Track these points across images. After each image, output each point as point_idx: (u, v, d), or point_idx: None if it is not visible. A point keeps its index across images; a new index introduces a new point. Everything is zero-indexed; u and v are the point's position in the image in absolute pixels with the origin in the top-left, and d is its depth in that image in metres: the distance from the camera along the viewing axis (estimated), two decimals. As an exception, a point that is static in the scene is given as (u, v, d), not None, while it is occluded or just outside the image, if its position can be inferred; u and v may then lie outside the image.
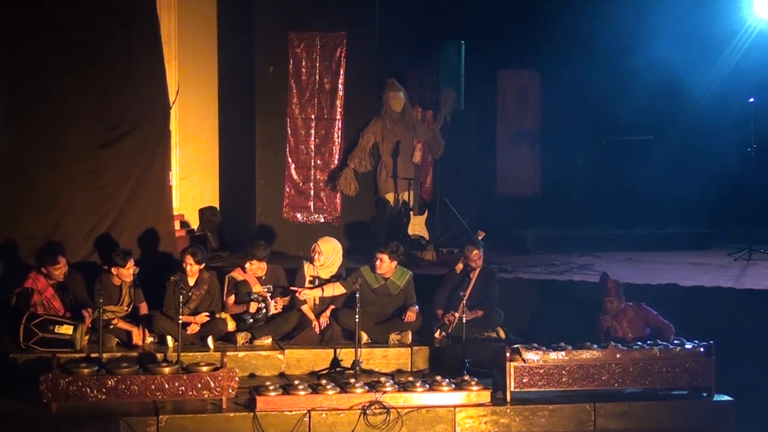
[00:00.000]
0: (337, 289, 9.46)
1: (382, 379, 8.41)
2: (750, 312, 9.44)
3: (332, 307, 9.41)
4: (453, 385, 8.36)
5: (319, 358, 9.14)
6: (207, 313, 9.16)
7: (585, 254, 11.66)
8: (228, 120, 11.85)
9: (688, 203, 12.24)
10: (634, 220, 12.46)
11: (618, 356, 8.52)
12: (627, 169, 12.29)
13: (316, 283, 9.48)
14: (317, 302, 9.51)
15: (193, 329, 9.09)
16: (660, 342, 8.73)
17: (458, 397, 8.28)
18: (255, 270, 9.38)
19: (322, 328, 9.44)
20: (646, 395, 8.56)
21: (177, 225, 10.85)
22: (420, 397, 8.22)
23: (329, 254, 9.46)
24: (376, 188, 11.72)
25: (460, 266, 9.73)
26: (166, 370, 8.01)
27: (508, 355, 8.39)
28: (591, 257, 11.54)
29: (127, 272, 9.05)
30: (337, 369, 9.03)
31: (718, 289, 9.82)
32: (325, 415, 8.02)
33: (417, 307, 9.48)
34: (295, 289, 9.25)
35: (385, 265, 9.46)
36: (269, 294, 9.31)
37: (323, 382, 8.28)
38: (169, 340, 9.01)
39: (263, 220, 11.38)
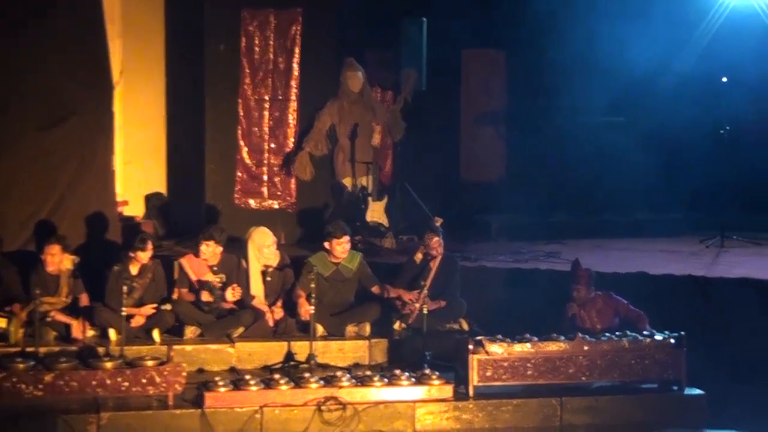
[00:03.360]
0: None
1: (339, 373, 8.39)
2: (722, 301, 9.52)
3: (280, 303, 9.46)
4: (413, 380, 8.36)
5: (272, 352, 9.12)
6: (153, 305, 9.11)
7: (552, 242, 11.73)
8: (176, 101, 11.78)
9: (659, 188, 12.32)
10: (603, 205, 12.53)
11: (586, 348, 8.55)
12: (596, 153, 12.34)
13: (269, 271, 9.47)
14: (267, 292, 9.51)
15: (137, 322, 9.04)
16: (629, 333, 8.73)
17: (418, 392, 8.28)
18: (210, 255, 9.33)
19: (276, 320, 9.40)
20: (614, 389, 8.59)
21: (121, 212, 10.81)
22: (378, 392, 8.22)
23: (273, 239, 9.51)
24: (333, 173, 11.69)
25: (419, 255, 9.73)
26: (108, 364, 7.95)
27: (470, 347, 8.40)
28: (558, 245, 11.59)
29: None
30: (291, 363, 9.01)
31: (689, 278, 9.87)
32: (278, 411, 7.99)
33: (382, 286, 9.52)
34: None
35: (348, 247, 9.48)
36: (222, 284, 9.27)
37: (276, 376, 8.24)
38: (112, 333, 8.93)
39: (213, 206, 11.33)
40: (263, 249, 9.49)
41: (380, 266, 10.02)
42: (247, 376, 8.19)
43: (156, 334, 9.02)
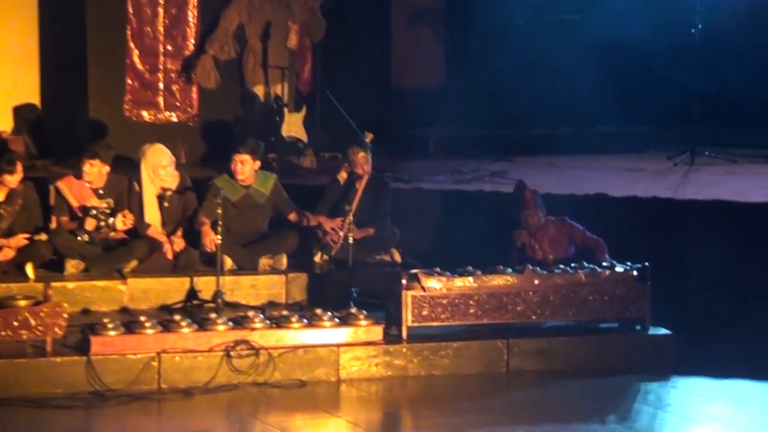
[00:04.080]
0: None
1: (250, 313, 8.39)
2: (691, 227, 9.65)
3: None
4: (337, 320, 8.37)
5: (171, 289, 9.16)
6: (25, 235, 9.03)
7: (498, 159, 11.81)
8: (50, -5, 11.70)
9: (620, 96, 12.36)
10: (557, 117, 12.61)
11: (536, 282, 8.61)
12: (549, 56, 12.41)
13: (167, 195, 9.47)
14: (164, 219, 9.51)
15: (6, 254, 9.00)
16: (586, 264, 8.81)
17: (343, 335, 8.31)
18: (95, 176, 9.29)
19: (175, 251, 9.40)
20: (569, 329, 8.68)
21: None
22: (296, 334, 8.25)
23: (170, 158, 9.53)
24: (242, 80, 11.70)
25: (344, 174, 9.76)
26: (-29, 306, 7.88)
27: (404, 282, 8.42)
28: (505, 163, 11.70)
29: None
30: (195, 302, 9.04)
31: (654, 200, 9.97)
32: (179, 358, 8.00)
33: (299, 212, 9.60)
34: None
35: (248, 168, 9.47)
36: (110, 210, 9.24)
37: (177, 318, 8.23)
38: (-26, 269, 8.91)
39: (98, 119, 11.31)
40: (159, 169, 9.47)
41: (298, 189, 10.07)
42: (142, 318, 8.17)
43: (29, 270, 8.97)
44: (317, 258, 9.53)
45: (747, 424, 7.49)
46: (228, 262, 9.33)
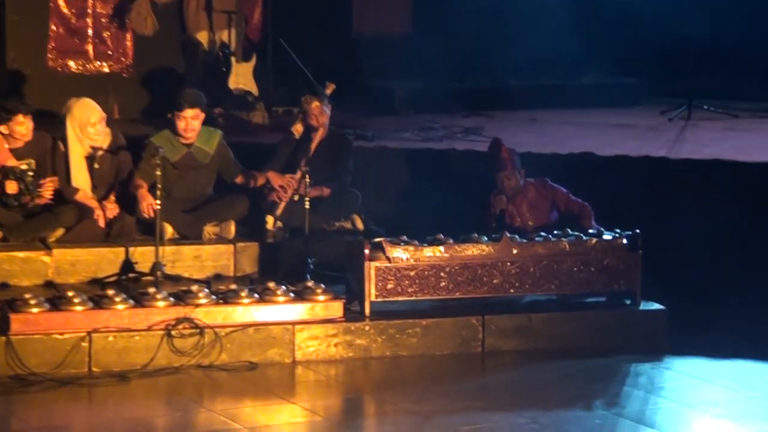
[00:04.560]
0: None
1: (194, 287, 8.36)
2: (688, 189, 9.69)
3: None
4: (292, 295, 8.37)
5: (103, 261, 9.13)
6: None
7: (472, 114, 11.89)
8: None
9: (609, 43, 12.46)
10: (538, 67, 12.65)
11: (515, 252, 8.61)
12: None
13: (98, 156, 9.44)
14: (95, 182, 9.51)
15: None
16: (571, 232, 8.80)
17: (299, 311, 8.31)
18: (21, 134, 9.25)
19: (108, 218, 9.39)
20: (551, 305, 8.74)
21: None
22: (246, 311, 8.24)
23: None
24: (183, 25, 11.70)
25: (299, 127, 9.80)
26: None
27: (367, 252, 8.42)
28: (480, 118, 11.76)
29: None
30: (130, 275, 9.04)
31: (647, 160, 9.99)
32: (113, 338, 7.97)
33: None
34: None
35: (196, 123, 9.48)
36: (32, 172, 9.20)
37: (110, 293, 8.19)
38: None
39: (17, 69, 11.31)
40: (87, 127, 9.43)
41: (247, 148, 10.09)
42: (70, 293, 8.12)
43: (-59, 240, 9.01)
44: (269, 225, 9.55)
45: (748, 409, 7.51)
46: (168, 231, 9.33)
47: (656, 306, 8.75)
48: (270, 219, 9.57)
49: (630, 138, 10.90)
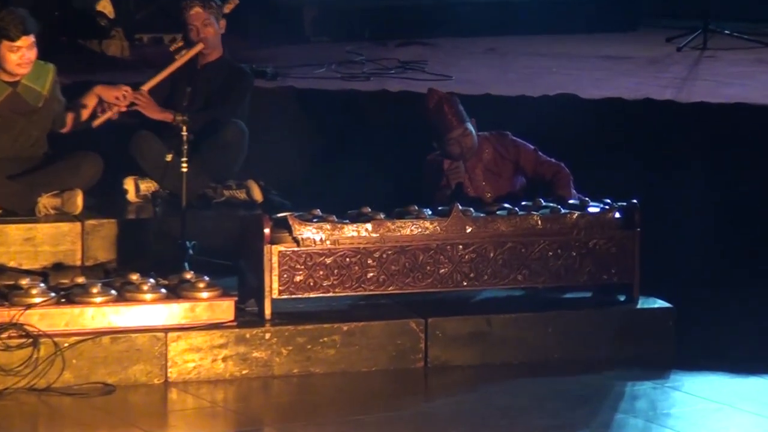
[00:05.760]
0: None
1: (25, 281, 8.28)
2: (703, 145, 9.79)
3: None
4: (163, 291, 8.34)
5: None
6: None
7: (409, 42, 12.18)
8: None
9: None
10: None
11: (469, 230, 8.60)
12: None
13: None
14: None
15: None
16: (544, 203, 8.82)
17: (173, 313, 8.28)
18: None
19: None
20: (517, 303, 8.78)
21: None
22: (99, 314, 8.18)
23: None
24: None
25: (179, 45, 10.05)
26: None
27: (267, 231, 8.38)
28: (420, 47, 12.01)
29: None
30: None
31: (647, 105, 10.08)
32: None
33: None
34: None
35: (32, 54, 9.54)
36: None
37: None
38: None
39: None
40: None
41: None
42: None
43: None
44: (131, 195, 9.66)
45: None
46: (-13, 203, 9.47)
47: (660, 303, 8.80)
48: (129, 185, 9.66)
49: (625, 75, 11.03)
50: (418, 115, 9.61)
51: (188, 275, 8.43)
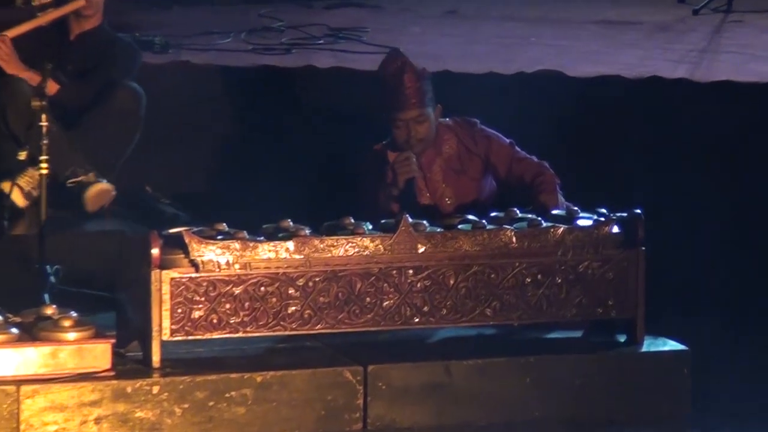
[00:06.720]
0: None
1: None
2: (722, 134, 10.01)
3: None
4: (14, 331, 8.26)
5: None
6: None
7: (344, 2, 12.37)
8: None
9: None
10: None
11: (421, 250, 8.59)
12: None
13: None
14: None
15: None
16: (521, 212, 8.89)
17: (28, 360, 8.18)
18: None
19: None
20: (485, 346, 8.77)
21: None
22: None
23: None
24: None
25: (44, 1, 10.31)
26: None
27: (156, 252, 8.32)
28: (357, 9, 12.29)
29: None
30: None
31: (654, 84, 10.30)
32: None
33: None
34: None
35: None
36: None
37: None
38: None
39: None
40: None
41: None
42: None
43: None
44: (18, 199, 9.80)
45: None
46: None
47: (672, 345, 8.81)
48: (9, 188, 9.78)
49: (627, 45, 11.40)
50: (362, 89, 9.69)
51: (49, 310, 8.32)
